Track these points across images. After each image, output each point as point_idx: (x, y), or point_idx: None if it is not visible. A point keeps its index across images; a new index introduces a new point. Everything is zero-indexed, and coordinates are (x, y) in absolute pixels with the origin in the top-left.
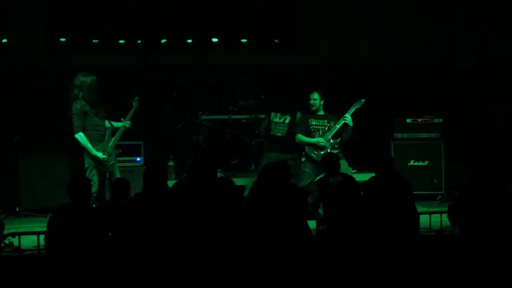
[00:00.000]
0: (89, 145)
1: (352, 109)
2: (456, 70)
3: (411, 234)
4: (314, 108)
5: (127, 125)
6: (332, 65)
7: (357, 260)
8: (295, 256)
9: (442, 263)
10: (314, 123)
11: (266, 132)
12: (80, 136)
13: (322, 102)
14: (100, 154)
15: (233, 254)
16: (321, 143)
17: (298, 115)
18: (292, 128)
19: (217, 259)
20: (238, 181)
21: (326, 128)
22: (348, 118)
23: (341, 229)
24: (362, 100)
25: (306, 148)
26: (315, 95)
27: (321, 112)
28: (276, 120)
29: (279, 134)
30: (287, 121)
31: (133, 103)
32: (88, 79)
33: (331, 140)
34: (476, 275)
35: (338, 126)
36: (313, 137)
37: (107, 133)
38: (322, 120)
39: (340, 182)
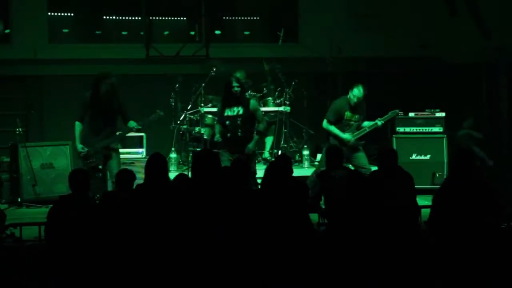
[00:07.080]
0: (76, 135)
1: (386, 117)
2: (459, 64)
3: (412, 228)
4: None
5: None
6: (334, 59)
7: (362, 253)
8: (297, 249)
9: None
10: (348, 117)
11: None
12: (75, 125)
13: None
14: (79, 146)
15: (235, 248)
16: (349, 142)
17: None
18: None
19: (218, 253)
20: None
21: (356, 124)
22: (379, 124)
23: (348, 224)
24: (397, 111)
25: (331, 139)
26: (363, 90)
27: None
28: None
29: None
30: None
31: (153, 115)
32: (101, 79)
33: (358, 142)
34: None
35: (368, 130)
36: (344, 131)
37: (104, 132)
38: (355, 115)
39: (348, 176)
